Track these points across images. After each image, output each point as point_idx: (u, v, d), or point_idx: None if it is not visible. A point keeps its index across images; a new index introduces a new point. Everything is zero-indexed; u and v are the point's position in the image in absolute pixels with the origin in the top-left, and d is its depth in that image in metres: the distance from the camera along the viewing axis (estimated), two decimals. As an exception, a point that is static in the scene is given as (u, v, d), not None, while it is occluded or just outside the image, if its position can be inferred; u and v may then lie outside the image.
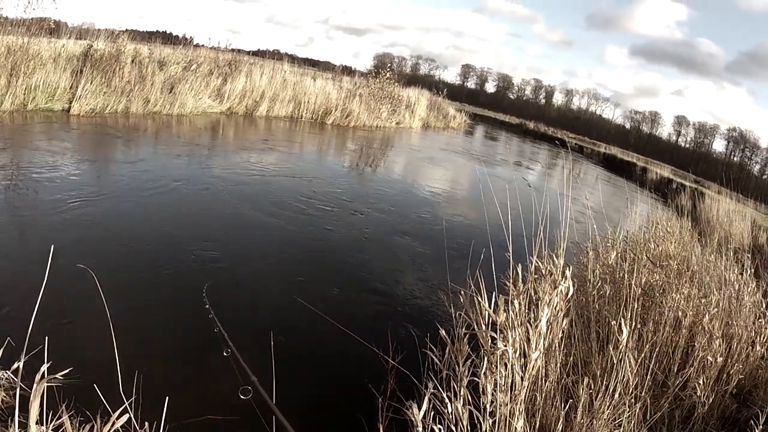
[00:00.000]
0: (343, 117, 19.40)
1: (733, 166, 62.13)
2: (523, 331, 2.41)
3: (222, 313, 4.00)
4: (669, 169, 39.32)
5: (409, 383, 2.68)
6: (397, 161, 14.24)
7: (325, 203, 8.02)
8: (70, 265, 3.14)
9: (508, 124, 53.74)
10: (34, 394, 1.51)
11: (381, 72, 22.93)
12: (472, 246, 3.32)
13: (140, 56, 13.41)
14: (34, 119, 9.98)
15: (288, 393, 2.89)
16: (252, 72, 16.87)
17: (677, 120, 71.22)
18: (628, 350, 2.68)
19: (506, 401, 2.31)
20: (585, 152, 39.00)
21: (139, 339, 3.52)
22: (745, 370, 3.48)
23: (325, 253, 6.01)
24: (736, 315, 3.72)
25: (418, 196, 10.11)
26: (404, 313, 4.93)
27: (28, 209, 5.42)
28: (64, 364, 1.79)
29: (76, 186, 6.30)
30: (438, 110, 29.15)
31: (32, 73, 10.59)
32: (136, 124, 11.75)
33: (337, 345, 4.03)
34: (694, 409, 3.08)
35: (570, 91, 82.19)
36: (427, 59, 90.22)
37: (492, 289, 2.46)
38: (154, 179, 7.34)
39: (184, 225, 5.98)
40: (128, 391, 1.81)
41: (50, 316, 3.45)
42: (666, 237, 5.79)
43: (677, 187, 23.39)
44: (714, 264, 4.98)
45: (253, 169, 9.45)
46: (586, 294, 3.83)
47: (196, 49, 16.78)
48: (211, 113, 15.13)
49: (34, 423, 1.54)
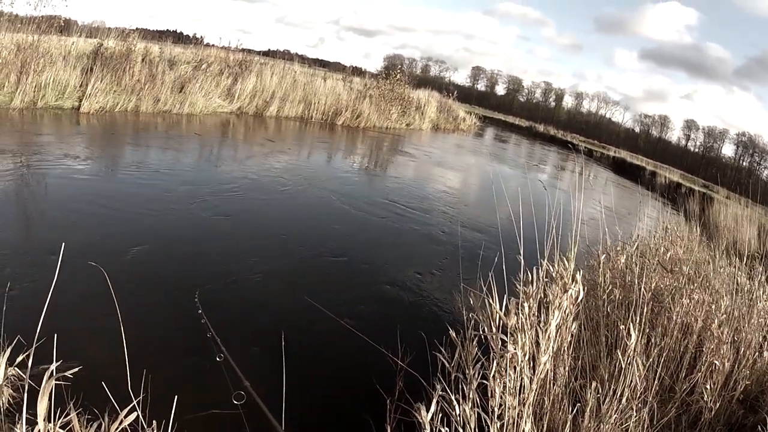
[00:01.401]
0: (353, 118, 19.39)
1: (742, 170, 61.85)
2: (533, 334, 2.40)
3: (228, 312, 4.02)
4: (678, 174, 39.21)
5: (418, 385, 2.67)
6: (410, 163, 14.20)
7: (338, 203, 8.03)
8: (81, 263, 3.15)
9: (518, 127, 53.64)
10: (42, 391, 1.51)
11: (391, 73, 22.90)
12: (483, 247, 3.32)
13: (150, 55, 13.48)
14: (44, 117, 10.04)
15: (295, 393, 2.88)
16: (262, 72, 16.89)
17: (686, 124, 70.87)
18: (636, 355, 2.66)
19: (514, 404, 2.29)
20: (594, 156, 38.89)
21: (146, 338, 3.53)
22: (753, 376, 3.46)
23: (335, 252, 6.00)
24: (745, 321, 3.69)
25: (430, 197, 10.07)
26: (414, 314, 4.91)
27: (35, 208, 5.45)
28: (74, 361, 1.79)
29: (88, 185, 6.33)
30: (448, 112, 29.04)
31: (42, 70, 10.65)
32: (146, 122, 11.80)
33: (346, 345, 4.02)
34: (700, 415, 3.06)
35: (580, 94, 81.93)
36: (438, 61, 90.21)
37: (503, 291, 2.45)
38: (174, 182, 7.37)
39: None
40: (136, 389, 1.81)
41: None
42: (676, 241, 5.76)
43: (686, 191, 23.30)
44: (724, 269, 4.94)
45: (265, 169, 9.47)
46: (595, 298, 3.81)
47: (207, 49, 16.84)
48: (221, 113, 15.18)
49: (42, 420, 1.54)
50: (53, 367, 1.54)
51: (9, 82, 10.12)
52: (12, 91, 10.08)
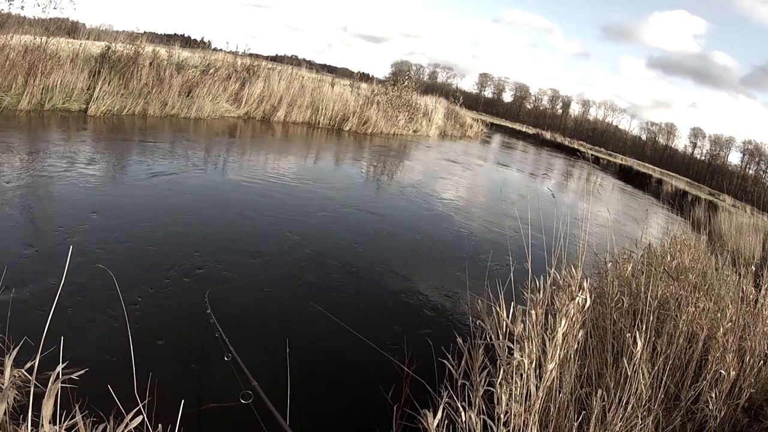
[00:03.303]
0: (361, 124, 19.42)
1: (748, 178, 61.69)
2: (540, 341, 2.39)
3: (234, 316, 4.02)
4: (684, 181, 39.08)
5: (424, 391, 2.66)
6: (418, 168, 14.19)
7: (341, 209, 8.03)
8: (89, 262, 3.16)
9: (525, 134, 53.62)
10: (48, 393, 1.51)
11: (399, 79, 22.91)
12: (491, 255, 3.31)
13: (158, 59, 13.53)
14: (51, 119, 10.08)
15: (302, 397, 2.88)
16: (270, 77, 16.94)
17: (693, 132, 70.77)
18: (641, 363, 2.64)
19: (521, 412, 2.28)
20: (601, 163, 38.80)
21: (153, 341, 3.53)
22: (758, 384, 3.44)
23: (342, 259, 5.98)
24: (751, 329, 3.68)
25: (436, 204, 10.04)
26: (420, 321, 4.88)
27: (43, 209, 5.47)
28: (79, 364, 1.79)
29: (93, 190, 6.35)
30: (455, 119, 29.05)
31: (50, 73, 10.71)
32: (154, 126, 11.82)
33: (353, 351, 4.01)
34: (705, 423, 3.04)
35: (587, 102, 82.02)
36: (445, 67, 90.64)
37: (510, 299, 2.44)
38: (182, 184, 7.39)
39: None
40: (142, 392, 1.81)
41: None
42: (682, 250, 5.74)
43: (693, 199, 23.22)
44: (730, 278, 4.92)
45: (274, 175, 9.48)
46: (602, 305, 3.79)
47: (215, 53, 16.89)
48: (229, 117, 15.23)
49: (47, 422, 1.54)
50: (59, 369, 1.54)
51: (16, 84, 10.18)
52: (19, 93, 10.12)
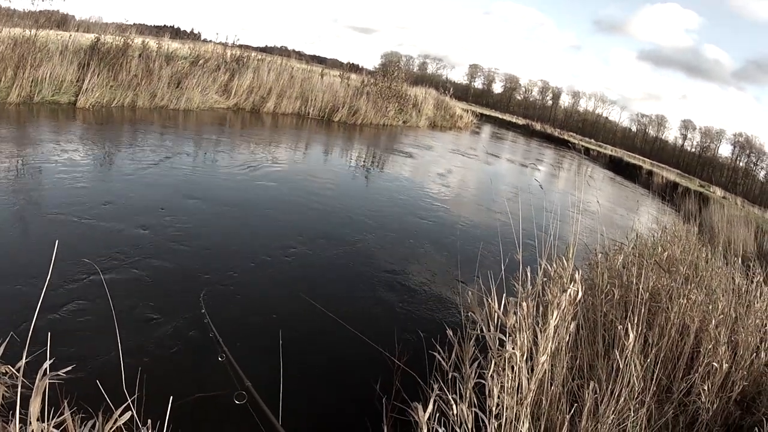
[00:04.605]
0: (350, 114, 19.37)
1: (738, 171, 62.08)
2: (531, 333, 2.39)
3: (227, 311, 4.00)
4: (675, 173, 39.29)
5: (415, 384, 2.66)
6: (407, 161, 14.14)
7: (333, 202, 8.00)
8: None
9: (515, 125, 53.70)
10: (36, 390, 1.49)
11: (389, 70, 22.85)
12: (482, 247, 3.30)
13: (148, 50, 13.42)
14: (41, 111, 9.98)
15: (292, 392, 2.87)
16: (259, 68, 16.85)
17: (684, 124, 71.09)
18: (633, 355, 2.65)
19: (512, 404, 2.28)
20: (591, 154, 38.94)
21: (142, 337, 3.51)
22: (750, 377, 3.45)
23: (332, 251, 5.96)
24: (742, 321, 3.69)
25: (427, 196, 10.01)
26: (412, 314, 4.88)
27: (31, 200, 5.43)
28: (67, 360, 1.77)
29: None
30: (445, 109, 29.02)
31: (39, 65, 10.60)
32: (143, 117, 11.73)
33: (343, 344, 4.00)
34: (698, 415, 3.05)
35: (577, 93, 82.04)
36: (435, 58, 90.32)
37: (501, 291, 2.43)
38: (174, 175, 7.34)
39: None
40: (131, 388, 1.79)
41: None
42: (673, 241, 5.75)
43: (683, 191, 23.35)
44: (722, 269, 4.94)
45: (266, 166, 9.44)
46: (593, 297, 3.80)
47: (204, 44, 16.77)
48: (218, 109, 15.13)
49: (35, 419, 1.52)
50: (46, 366, 1.52)
51: (6, 77, 10.06)
52: (8, 86, 10.02)
